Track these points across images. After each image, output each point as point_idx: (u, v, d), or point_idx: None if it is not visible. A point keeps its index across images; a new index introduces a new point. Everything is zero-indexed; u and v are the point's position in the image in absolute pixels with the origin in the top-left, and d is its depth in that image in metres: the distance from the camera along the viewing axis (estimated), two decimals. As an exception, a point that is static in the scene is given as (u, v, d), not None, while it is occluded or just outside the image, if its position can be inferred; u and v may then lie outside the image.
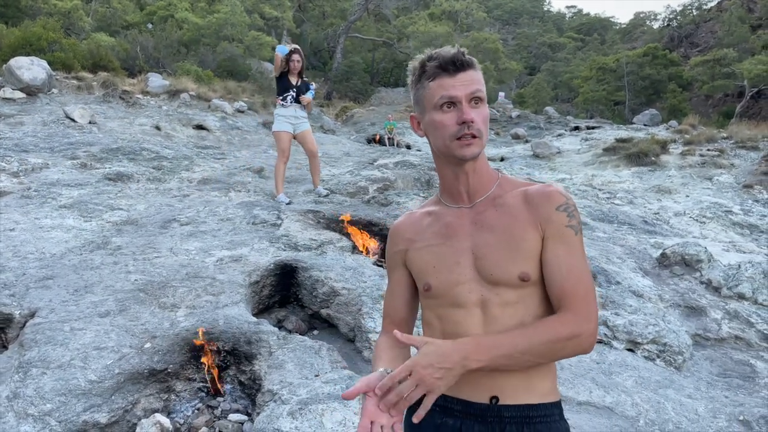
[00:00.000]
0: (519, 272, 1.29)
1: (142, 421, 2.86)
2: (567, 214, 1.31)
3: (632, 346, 4.08)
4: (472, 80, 1.33)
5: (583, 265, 1.30)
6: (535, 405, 1.31)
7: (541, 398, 1.33)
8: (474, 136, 1.32)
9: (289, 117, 6.89)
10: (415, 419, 1.19)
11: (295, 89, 6.85)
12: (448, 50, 1.34)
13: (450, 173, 1.41)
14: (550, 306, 1.32)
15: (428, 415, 1.31)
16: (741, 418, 3.31)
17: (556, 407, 1.35)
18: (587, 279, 1.29)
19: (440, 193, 1.49)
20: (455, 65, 1.32)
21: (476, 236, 1.36)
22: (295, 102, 6.87)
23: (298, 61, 6.74)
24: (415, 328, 1.57)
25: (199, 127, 11.98)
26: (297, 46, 6.96)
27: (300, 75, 6.89)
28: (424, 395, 1.16)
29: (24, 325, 3.41)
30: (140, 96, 13.07)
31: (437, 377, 1.15)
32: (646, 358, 4.00)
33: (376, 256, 5.40)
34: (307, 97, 6.89)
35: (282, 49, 6.74)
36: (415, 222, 1.50)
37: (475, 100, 1.33)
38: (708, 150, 12.65)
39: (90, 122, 9.99)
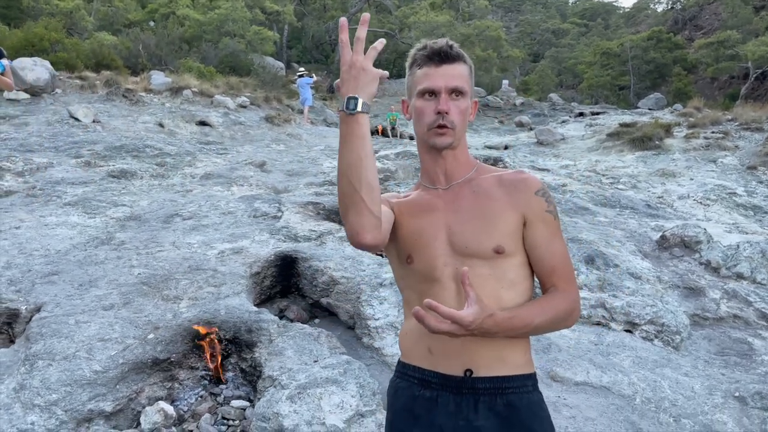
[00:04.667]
0: (494, 245, 1.36)
1: (146, 408, 2.93)
2: (545, 200, 1.42)
3: (630, 327, 4.12)
4: (455, 74, 1.39)
5: (565, 247, 1.44)
6: (509, 377, 1.37)
7: (514, 370, 1.38)
8: (447, 127, 1.38)
9: None
10: None
11: None
12: (438, 42, 1.41)
13: (430, 157, 1.48)
14: (520, 279, 1.39)
15: (407, 386, 1.42)
16: (736, 394, 3.34)
17: (529, 378, 1.41)
18: (570, 260, 1.45)
19: (420, 176, 1.56)
20: (440, 57, 1.39)
21: (452, 215, 1.43)
22: None
23: None
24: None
25: (202, 123, 12.04)
26: None
27: None
28: None
29: (30, 319, 3.49)
30: (143, 94, 13.14)
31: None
32: (643, 338, 4.03)
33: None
34: None
35: None
36: (398, 197, 1.54)
37: (455, 92, 1.39)
38: (712, 132, 12.58)
39: (94, 121, 10.06)
